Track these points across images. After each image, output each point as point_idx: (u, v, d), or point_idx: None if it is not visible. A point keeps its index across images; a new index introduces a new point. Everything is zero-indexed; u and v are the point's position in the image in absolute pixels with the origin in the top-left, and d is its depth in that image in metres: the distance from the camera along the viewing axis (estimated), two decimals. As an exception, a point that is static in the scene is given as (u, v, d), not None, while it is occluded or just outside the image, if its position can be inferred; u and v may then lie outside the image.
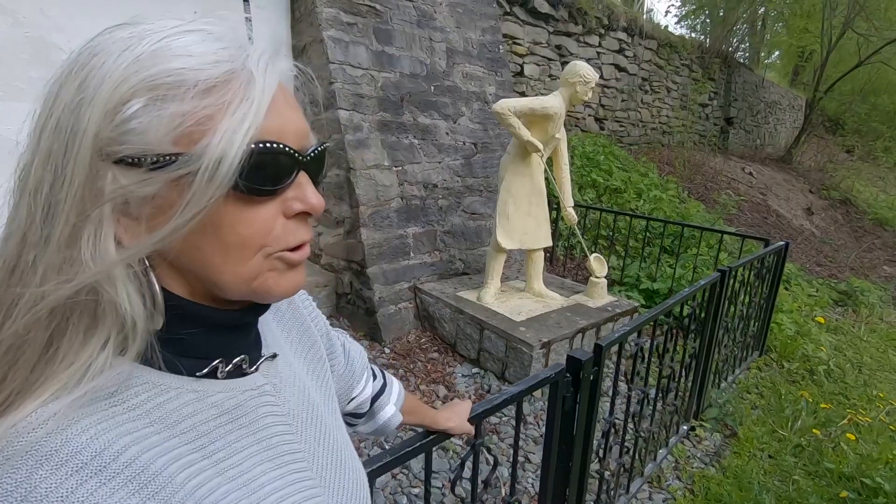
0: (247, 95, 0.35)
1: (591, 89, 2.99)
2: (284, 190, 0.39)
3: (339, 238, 3.56)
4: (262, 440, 0.45)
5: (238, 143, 0.34)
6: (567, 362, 1.36)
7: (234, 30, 0.38)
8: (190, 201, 0.33)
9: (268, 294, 0.41)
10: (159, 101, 0.33)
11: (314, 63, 3.48)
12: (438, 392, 2.87)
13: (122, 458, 0.33)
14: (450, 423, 0.97)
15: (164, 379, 0.39)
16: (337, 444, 0.56)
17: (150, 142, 0.33)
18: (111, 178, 0.33)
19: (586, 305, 3.33)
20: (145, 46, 0.33)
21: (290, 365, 0.54)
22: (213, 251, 0.37)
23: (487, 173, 4.11)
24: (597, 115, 7.23)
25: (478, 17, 4.36)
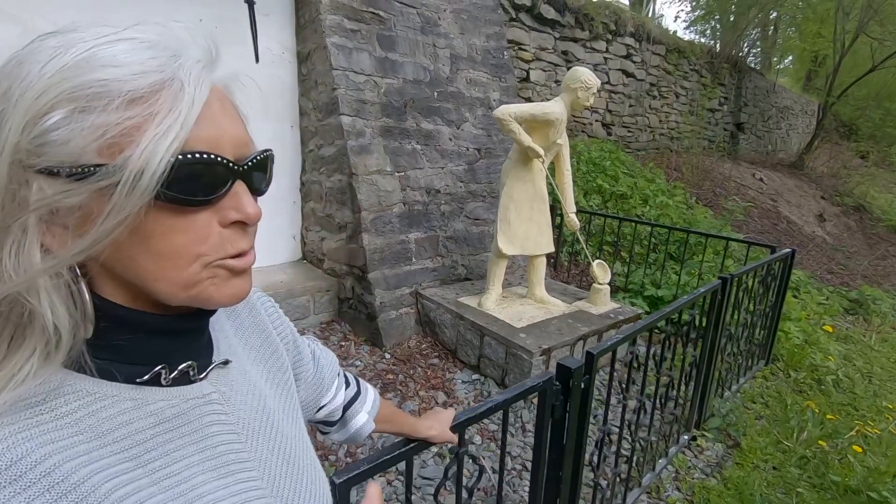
0: (174, 106, 0.35)
1: (593, 95, 2.98)
2: (219, 199, 0.39)
3: (341, 243, 3.57)
4: (205, 449, 0.44)
5: (161, 154, 0.33)
6: (557, 370, 1.34)
7: (171, 38, 0.38)
8: (111, 212, 0.33)
9: (209, 301, 0.41)
10: (81, 112, 0.32)
11: (318, 69, 3.52)
12: (438, 398, 2.86)
13: (42, 467, 0.33)
14: (430, 432, 0.96)
15: (98, 387, 0.39)
16: (295, 453, 0.55)
17: (71, 152, 0.32)
18: (36, 188, 0.33)
19: (588, 312, 3.30)
20: (72, 56, 0.33)
21: (245, 373, 0.53)
22: (147, 260, 0.37)
23: (491, 179, 4.11)
24: (604, 120, 7.20)
25: (482, 24, 4.38)
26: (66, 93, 0.32)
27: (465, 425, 1.07)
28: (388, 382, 2.94)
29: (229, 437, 0.47)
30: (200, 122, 0.37)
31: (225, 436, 0.47)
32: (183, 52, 0.38)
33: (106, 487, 0.35)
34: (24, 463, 0.32)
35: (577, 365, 1.33)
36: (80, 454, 0.35)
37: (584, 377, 1.43)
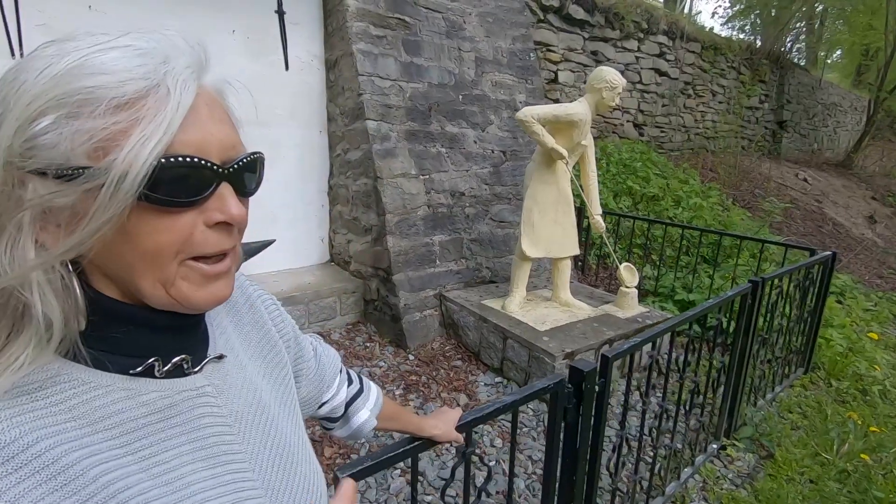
0: (159, 111, 0.36)
1: (619, 95, 2.93)
2: (204, 201, 0.41)
3: (367, 245, 3.63)
4: (196, 440, 0.46)
5: (144, 157, 0.35)
6: (570, 372, 1.33)
7: (162, 44, 0.40)
8: (96, 212, 0.35)
9: (185, 302, 0.43)
10: (69, 117, 0.34)
11: (345, 75, 3.59)
12: (459, 400, 2.86)
13: (32, 450, 0.35)
14: (435, 431, 0.97)
15: (93, 377, 0.41)
16: (290, 448, 0.56)
17: (59, 155, 0.35)
18: (31, 188, 0.35)
19: (615, 316, 3.24)
20: (65, 64, 0.35)
21: (241, 367, 0.55)
22: (133, 257, 0.39)
23: (516, 181, 4.09)
24: (635, 120, 7.05)
25: (508, 26, 4.37)
26: (54, 99, 0.34)
27: (471, 425, 1.07)
28: (410, 384, 2.97)
29: (221, 428, 0.48)
30: (186, 126, 0.38)
31: (217, 427, 0.48)
32: (172, 59, 0.39)
33: (94, 472, 0.37)
34: (17, 445, 0.34)
35: (590, 368, 1.31)
36: (71, 439, 0.37)
37: (600, 380, 1.41)
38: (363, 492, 2.14)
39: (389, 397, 2.75)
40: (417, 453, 0.99)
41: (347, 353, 3.29)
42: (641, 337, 1.57)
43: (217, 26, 3.33)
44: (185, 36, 0.42)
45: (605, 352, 1.43)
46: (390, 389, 2.90)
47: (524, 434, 2.57)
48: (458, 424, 1.03)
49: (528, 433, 2.57)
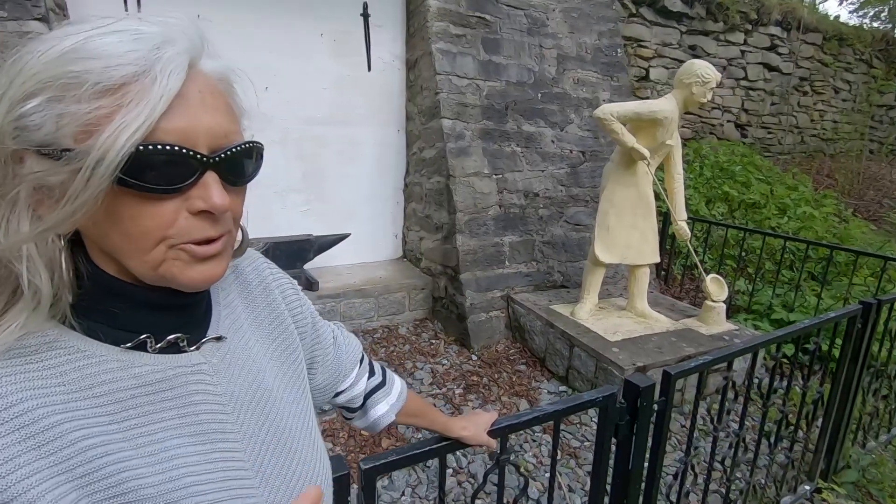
0: (143, 98, 0.36)
1: (711, 90, 2.68)
2: (188, 189, 0.40)
3: (437, 243, 3.66)
4: (186, 416, 0.46)
5: (122, 143, 0.35)
6: (624, 387, 1.23)
7: (160, 30, 0.40)
8: (73, 193, 0.36)
9: (175, 281, 0.43)
10: (54, 100, 0.35)
11: (423, 75, 3.65)
12: (520, 406, 2.78)
13: (16, 409, 0.36)
14: (464, 433, 0.94)
15: (90, 346, 0.42)
16: (290, 432, 0.56)
17: (46, 136, 0.36)
18: (28, 165, 0.37)
19: (697, 331, 2.97)
20: (62, 47, 0.37)
21: (246, 348, 0.55)
22: (118, 239, 0.40)
23: (595, 183, 3.90)
24: (738, 120, 6.45)
25: (594, 21, 4.18)
26: (42, 82, 0.35)
27: (506, 431, 1.02)
28: (471, 384, 2.94)
29: (213, 407, 0.48)
30: (171, 113, 0.38)
31: (209, 406, 0.48)
32: (166, 45, 0.39)
33: (75, 436, 0.39)
34: (1, 403, 0.36)
35: (648, 384, 1.20)
36: (56, 403, 0.39)
37: (661, 398, 1.29)
38: (414, 487, 2.15)
39: (449, 396, 2.75)
40: (445, 453, 0.96)
41: (412, 348, 3.34)
42: (715, 355, 1.41)
43: (307, 30, 3.53)
44: (185, 22, 0.42)
45: (669, 368, 1.30)
46: (450, 388, 2.89)
47: (586, 448, 2.44)
48: (492, 429, 0.99)
49: (590, 447, 2.43)
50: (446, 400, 2.78)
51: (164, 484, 0.43)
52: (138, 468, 0.42)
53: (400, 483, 2.15)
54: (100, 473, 0.40)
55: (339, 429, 2.47)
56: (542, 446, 2.43)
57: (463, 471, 2.25)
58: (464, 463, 2.29)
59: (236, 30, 3.25)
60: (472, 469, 2.25)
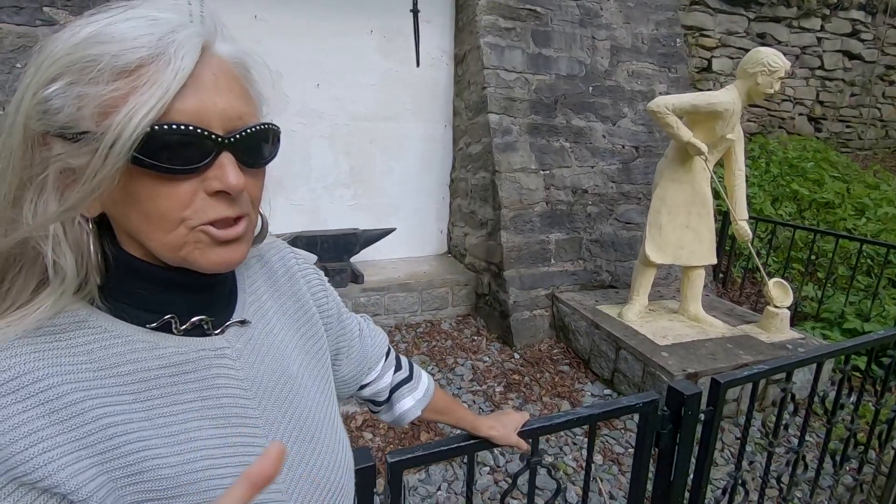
0: (158, 80, 0.37)
1: (778, 80, 2.49)
2: (205, 169, 0.41)
3: (481, 239, 3.63)
4: (208, 398, 0.47)
5: (136, 122, 0.36)
6: (667, 394, 1.16)
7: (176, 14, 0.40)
8: (92, 173, 0.37)
9: (195, 264, 0.44)
10: (73, 83, 0.36)
11: (471, 70, 3.62)
12: (561, 407, 2.72)
13: (40, 384, 0.38)
14: (492, 432, 0.92)
15: (116, 326, 0.43)
16: (312, 420, 0.56)
17: (66, 118, 0.37)
18: (53, 150, 0.38)
19: (757, 339, 2.79)
20: (83, 32, 0.38)
21: (270, 335, 0.56)
22: (139, 220, 0.41)
23: (648, 180, 3.73)
24: (811, 113, 5.98)
25: (652, 10, 4.00)
26: (63, 66, 0.37)
27: (537, 433, 0.99)
28: (512, 382, 2.90)
29: (235, 391, 0.49)
30: (185, 94, 0.38)
31: (231, 389, 0.48)
32: (181, 28, 0.39)
33: (97, 413, 0.40)
34: (26, 378, 0.38)
35: (693, 392, 1.13)
36: (82, 380, 0.40)
37: (708, 408, 1.21)
38: (451, 482, 2.15)
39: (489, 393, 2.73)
40: (474, 452, 0.95)
41: (454, 344, 3.34)
42: (772, 364, 1.31)
43: (358, 27, 3.59)
44: (199, 7, 0.43)
45: (720, 376, 1.22)
46: (491, 385, 2.87)
47: (630, 455, 2.34)
48: (523, 430, 0.96)
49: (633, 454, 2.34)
50: (486, 397, 2.76)
51: (182, 465, 0.44)
52: (157, 448, 0.43)
53: (436, 478, 2.15)
54: (120, 451, 0.41)
55: (379, 420, 2.51)
56: (583, 450, 2.36)
57: (500, 469, 2.23)
58: (501, 462, 2.26)
59: (290, 30, 3.35)
60: (509, 469, 2.22)
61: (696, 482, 1.26)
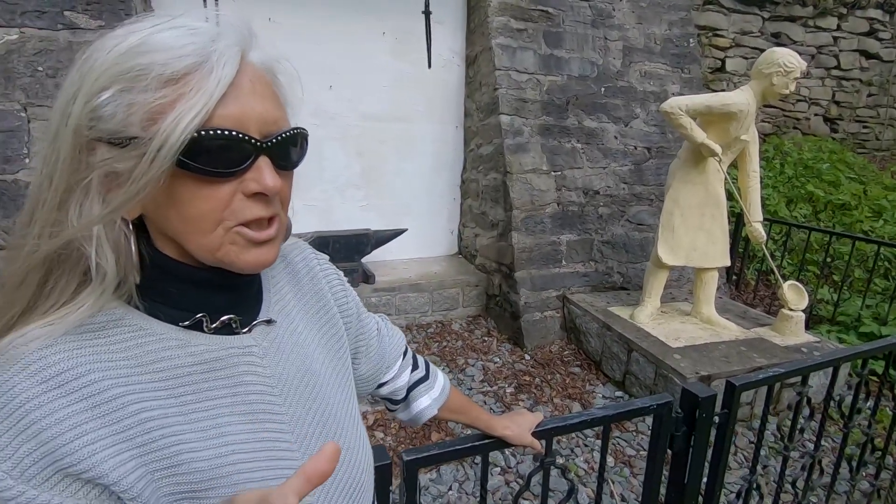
0: (201, 87, 0.39)
1: (794, 81, 2.46)
2: (243, 172, 0.43)
3: (492, 240, 3.63)
4: (237, 395, 0.48)
5: (182, 129, 0.38)
6: (681, 396, 1.16)
7: (213, 24, 0.43)
8: (138, 176, 0.38)
9: (232, 265, 0.45)
10: (124, 91, 0.38)
11: (482, 71, 3.63)
12: (572, 408, 2.71)
13: (83, 380, 0.40)
14: (506, 432, 0.92)
15: (151, 325, 0.45)
16: (334, 418, 0.57)
17: (116, 125, 0.38)
18: (98, 154, 0.40)
19: (771, 342, 2.76)
20: (128, 42, 0.39)
21: (294, 334, 0.57)
22: (178, 221, 0.43)
23: (661, 181, 3.71)
24: (827, 113, 5.90)
25: (664, 10, 3.97)
26: (114, 75, 0.38)
27: (551, 434, 1.00)
28: (523, 384, 2.90)
29: (263, 388, 0.50)
30: (226, 100, 0.40)
31: (259, 387, 0.50)
32: (220, 38, 0.41)
33: (135, 408, 0.42)
34: (71, 374, 0.40)
35: (708, 394, 1.13)
36: (120, 376, 0.42)
37: (722, 411, 1.21)
38: (461, 482, 2.16)
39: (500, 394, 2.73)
40: (487, 451, 0.95)
41: (465, 344, 3.34)
42: (788, 367, 1.30)
43: (370, 29, 3.61)
44: (235, 17, 0.45)
45: (735, 379, 1.22)
46: (501, 386, 2.87)
47: (641, 458, 2.33)
48: (537, 431, 0.97)
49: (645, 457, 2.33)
50: (497, 398, 2.76)
51: (214, 459, 0.45)
52: (191, 442, 0.44)
53: (448, 477, 2.16)
54: (156, 444, 0.42)
55: (390, 420, 2.52)
56: (594, 452, 2.35)
57: (511, 470, 2.23)
58: (512, 462, 2.26)
59: (303, 32, 3.39)
60: (520, 469, 2.22)
61: (710, 485, 1.26)
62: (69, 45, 2.44)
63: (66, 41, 2.44)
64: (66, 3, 2.45)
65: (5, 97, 2.33)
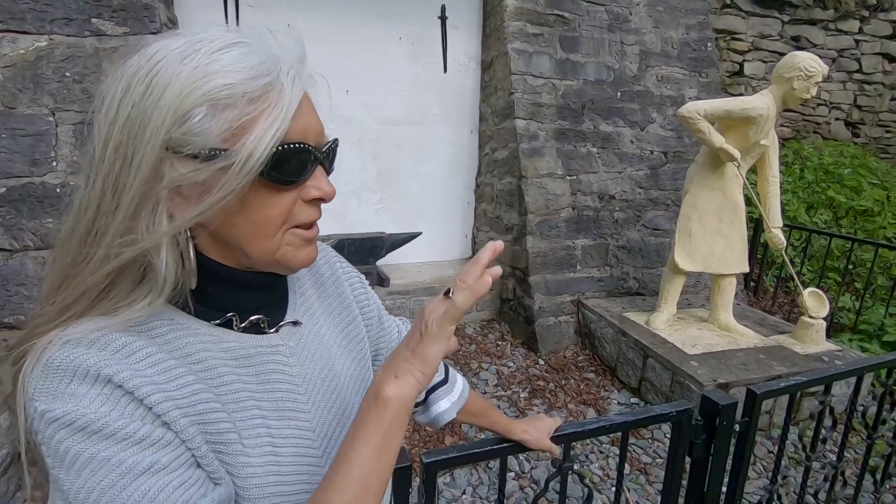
0: (278, 103, 0.42)
1: (815, 85, 2.43)
2: (306, 180, 0.47)
3: (507, 244, 3.63)
4: (266, 391, 0.51)
5: (266, 143, 0.41)
6: (701, 403, 1.15)
7: (270, 43, 0.45)
8: (223, 186, 0.41)
9: (287, 264, 0.49)
10: (216, 109, 0.41)
11: (498, 75, 3.64)
12: (587, 414, 2.69)
13: (144, 351, 0.43)
14: (525, 436, 0.92)
15: (187, 321, 0.48)
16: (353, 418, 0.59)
17: (207, 141, 0.41)
18: (171, 167, 0.41)
19: (791, 350, 2.72)
20: (199, 59, 0.41)
21: (318, 335, 0.59)
22: (245, 227, 0.45)
23: (678, 185, 3.68)
24: (849, 118, 5.79)
25: (682, 14, 3.95)
26: (203, 95, 0.40)
27: (570, 439, 0.99)
28: (537, 388, 2.89)
29: (289, 386, 0.53)
30: (295, 116, 0.44)
31: (285, 384, 0.53)
32: (281, 57, 0.44)
33: (184, 380, 0.45)
34: (133, 347, 0.43)
35: (729, 402, 1.11)
36: (164, 360, 0.44)
37: (743, 419, 1.20)
38: (475, 486, 2.16)
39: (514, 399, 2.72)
40: (506, 455, 0.96)
41: (479, 348, 3.34)
42: (811, 376, 1.28)
43: (386, 34, 3.64)
44: (288, 34, 0.47)
45: (755, 387, 1.20)
46: (515, 391, 2.86)
47: (657, 465, 2.31)
48: (555, 435, 0.97)
49: (661, 464, 2.30)
50: (511, 403, 2.75)
51: (252, 448, 0.48)
52: (230, 431, 0.47)
53: (461, 482, 2.16)
54: (206, 418, 0.45)
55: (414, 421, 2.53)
56: (609, 458, 2.33)
57: (525, 476, 2.22)
58: (526, 468, 2.25)
59: (321, 37, 3.43)
60: (534, 475, 2.21)
61: (730, 494, 1.24)
62: (95, 51, 2.51)
63: (93, 47, 2.50)
64: (93, 11, 2.52)
65: (34, 102, 2.40)
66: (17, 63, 2.38)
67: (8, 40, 2.37)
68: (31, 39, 2.41)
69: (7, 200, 2.35)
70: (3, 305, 2.31)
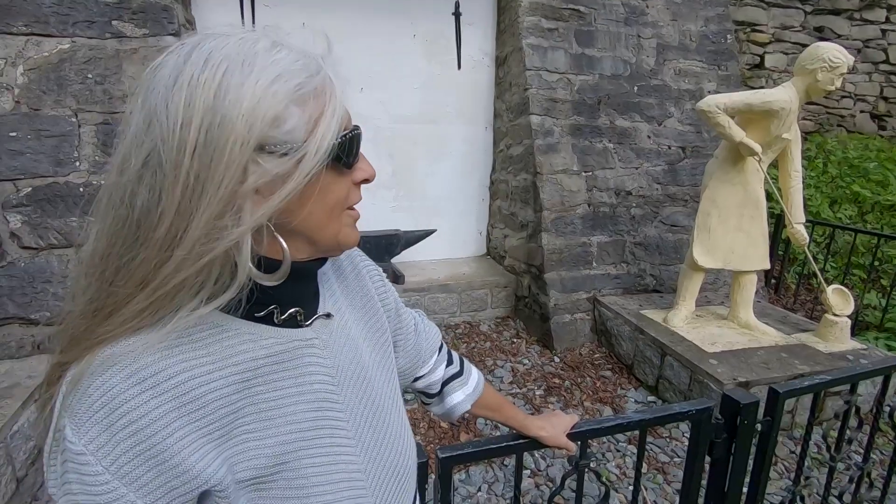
0: (334, 93, 0.46)
1: (840, 76, 2.37)
2: (358, 162, 0.51)
3: (522, 241, 3.61)
4: (302, 384, 0.52)
5: (333, 130, 0.45)
6: (722, 402, 1.13)
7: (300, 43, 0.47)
8: (297, 175, 0.43)
9: (347, 243, 0.53)
10: (299, 107, 0.44)
11: (513, 71, 3.61)
12: (603, 413, 2.67)
13: (173, 381, 0.43)
14: (541, 433, 0.92)
15: (227, 321, 0.48)
16: (383, 408, 0.61)
17: (296, 137, 0.44)
18: (256, 165, 0.42)
19: (814, 348, 2.65)
20: (263, 62, 0.42)
21: (345, 327, 0.60)
22: (321, 212, 0.48)
23: (696, 181, 3.62)
24: (875, 110, 5.63)
25: (700, 6, 3.88)
26: (287, 97, 0.43)
27: (587, 436, 0.99)
28: (552, 386, 2.87)
29: (325, 378, 0.54)
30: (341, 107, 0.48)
31: (321, 376, 0.54)
32: (309, 52, 0.47)
33: (215, 405, 0.46)
34: (162, 375, 0.43)
35: (750, 401, 1.09)
36: (202, 374, 0.45)
37: (765, 419, 1.17)
38: (490, 483, 2.15)
39: (529, 396, 2.71)
40: (522, 451, 0.95)
41: (493, 346, 3.34)
42: (835, 375, 1.25)
43: (401, 32, 3.65)
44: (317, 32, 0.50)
45: (778, 386, 1.18)
46: (530, 388, 2.85)
47: (675, 465, 2.28)
48: (572, 433, 0.96)
49: (679, 464, 2.27)
50: (526, 400, 2.74)
51: (277, 446, 0.49)
52: (256, 431, 0.48)
53: (477, 478, 2.16)
54: (230, 434, 0.47)
55: (419, 419, 2.54)
56: (626, 457, 2.31)
57: (541, 473, 2.21)
58: (542, 465, 2.24)
59: (335, 35, 3.37)
60: (550, 472, 2.20)
61: (752, 494, 1.22)
62: (116, 52, 2.55)
63: (114, 49, 2.55)
64: (114, 13, 2.56)
65: (58, 104, 2.45)
66: (41, 66, 2.44)
67: (32, 43, 2.43)
68: (55, 42, 2.46)
69: (33, 200, 2.41)
70: (29, 302, 2.38)
